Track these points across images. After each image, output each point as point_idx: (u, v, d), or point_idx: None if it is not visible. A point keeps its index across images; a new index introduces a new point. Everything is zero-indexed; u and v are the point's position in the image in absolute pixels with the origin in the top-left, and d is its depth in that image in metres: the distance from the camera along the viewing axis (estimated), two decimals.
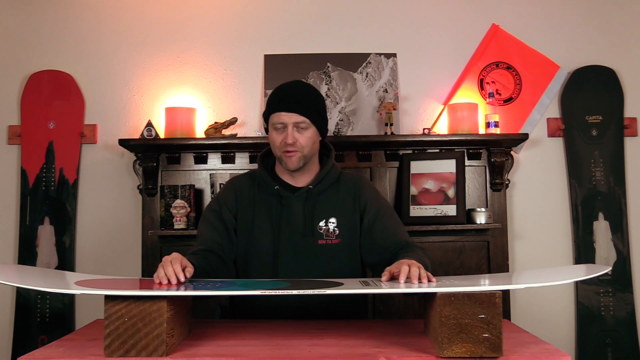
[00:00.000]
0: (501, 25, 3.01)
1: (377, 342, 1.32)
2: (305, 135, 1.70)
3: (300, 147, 1.70)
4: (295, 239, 1.73)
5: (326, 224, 1.64)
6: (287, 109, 1.69)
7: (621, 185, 2.96)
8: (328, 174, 1.79)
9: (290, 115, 1.69)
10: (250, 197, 1.78)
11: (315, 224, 1.74)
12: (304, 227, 1.73)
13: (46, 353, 1.23)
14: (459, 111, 2.88)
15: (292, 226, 1.73)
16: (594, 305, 2.92)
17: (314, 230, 1.73)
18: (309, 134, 1.71)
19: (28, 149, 2.94)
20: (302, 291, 1.28)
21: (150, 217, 2.86)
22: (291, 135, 1.69)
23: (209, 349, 1.27)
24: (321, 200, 1.76)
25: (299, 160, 1.72)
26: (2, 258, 2.93)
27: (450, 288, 1.18)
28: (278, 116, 1.70)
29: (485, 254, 2.87)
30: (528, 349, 1.23)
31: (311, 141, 1.72)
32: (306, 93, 1.75)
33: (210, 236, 1.74)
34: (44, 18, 3.03)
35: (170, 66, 3.02)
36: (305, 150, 1.71)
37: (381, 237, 1.74)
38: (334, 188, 1.79)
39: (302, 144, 1.70)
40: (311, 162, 1.78)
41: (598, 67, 3.00)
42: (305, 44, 3.01)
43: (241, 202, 1.78)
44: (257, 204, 1.77)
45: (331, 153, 1.83)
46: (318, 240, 1.73)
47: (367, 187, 1.82)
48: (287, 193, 1.76)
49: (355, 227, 1.77)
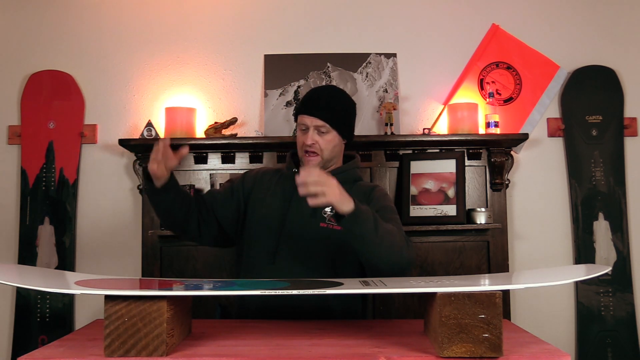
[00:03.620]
0: (501, 25, 3.01)
1: (377, 342, 1.32)
2: (325, 139, 1.81)
3: (320, 149, 1.81)
4: (300, 219, 1.79)
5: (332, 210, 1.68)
6: (310, 112, 1.81)
7: (621, 185, 2.96)
8: (348, 170, 1.88)
9: (312, 119, 1.80)
10: (271, 180, 1.90)
11: (321, 207, 1.77)
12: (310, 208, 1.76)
13: (46, 353, 1.23)
14: (459, 111, 2.88)
15: (300, 206, 1.78)
16: (594, 305, 2.92)
17: (318, 213, 1.76)
18: (329, 138, 1.81)
19: (28, 149, 2.94)
20: (302, 291, 1.28)
21: (150, 217, 2.86)
22: (311, 137, 1.80)
23: (209, 349, 1.27)
24: None
25: (317, 163, 1.81)
26: (2, 258, 2.93)
27: (450, 288, 1.18)
28: (302, 118, 1.82)
29: (485, 254, 2.87)
30: (528, 349, 1.23)
31: (331, 145, 1.82)
32: (331, 98, 1.85)
33: (214, 192, 1.91)
34: (44, 18, 3.03)
35: (170, 66, 3.02)
36: (325, 153, 1.82)
37: None
38: (349, 186, 1.82)
39: (322, 146, 1.81)
40: (333, 164, 1.88)
41: (598, 67, 3.00)
42: (305, 44, 3.01)
43: (260, 182, 1.90)
44: (275, 184, 1.88)
45: (356, 158, 1.95)
46: (320, 223, 1.77)
47: (380, 190, 1.90)
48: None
49: None
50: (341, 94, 1.90)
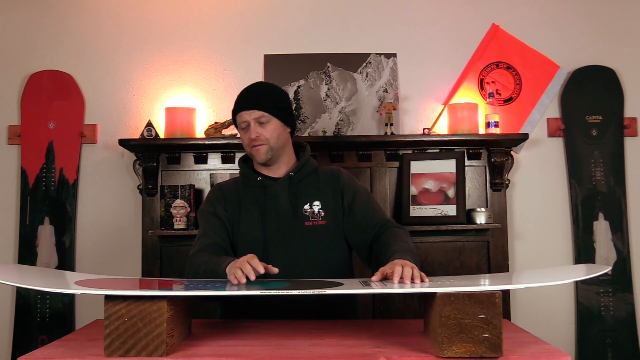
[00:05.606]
0: (501, 25, 3.01)
1: (377, 342, 1.32)
2: (267, 129, 1.80)
3: (265, 139, 1.79)
4: (282, 223, 1.78)
5: (311, 207, 1.69)
6: (246, 107, 1.80)
7: (621, 185, 2.96)
8: (306, 163, 1.87)
9: (250, 112, 1.80)
10: (236, 195, 1.86)
11: (300, 207, 1.80)
12: (291, 211, 1.79)
13: (46, 353, 1.23)
14: (459, 111, 2.88)
15: (278, 212, 1.79)
16: (594, 305, 2.92)
17: (299, 213, 1.79)
18: (272, 127, 1.80)
19: (28, 149, 2.94)
20: (302, 291, 1.28)
21: (150, 217, 2.86)
22: (254, 131, 1.79)
23: (209, 349, 1.27)
24: (303, 186, 1.84)
25: (266, 152, 1.80)
26: (2, 258, 2.93)
27: (450, 288, 1.18)
28: (240, 116, 1.82)
29: (485, 254, 2.87)
30: (528, 349, 1.23)
31: (275, 133, 1.81)
32: (262, 90, 1.87)
33: (212, 232, 1.80)
34: (44, 18, 3.03)
35: (170, 66, 3.02)
36: (271, 142, 1.80)
37: (361, 215, 1.80)
38: (314, 176, 1.87)
39: (267, 136, 1.79)
40: (285, 154, 1.86)
41: (598, 67, 3.00)
42: (305, 44, 3.01)
43: (228, 200, 1.85)
44: (243, 199, 1.84)
45: (306, 149, 1.92)
46: (305, 222, 1.78)
47: (344, 174, 1.90)
48: (270, 182, 1.84)
49: (338, 208, 1.82)
50: (271, 85, 1.91)
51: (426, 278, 1.40)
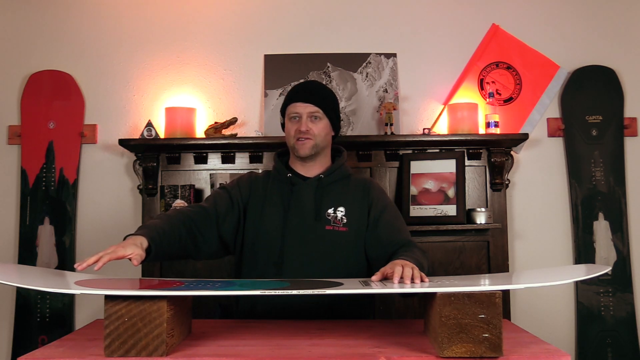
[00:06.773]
0: (501, 25, 3.01)
1: (377, 342, 1.32)
2: (318, 126, 1.81)
3: (314, 135, 1.80)
4: (303, 223, 1.77)
5: (334, 212, 1.68)
6: (303, 99, 1.81)
7: (621, 185, 2.96)
8: (340, 168, 1.87)
9: (305, 105, 1.80)
10: (264, 187, 1.86)
11: (324, 210, 1.79)
12: (313, 212, 1.78)
13: (46, 353, 1.23)
14: (459, 111, 2.88)
15: (301, 211, 1.78)
16: (594, 305, 2.92)
17: (322, 216, 1.77)
18: (322, 125, 1.82)
19: (28, 149, 2.94)
20: (302, 291, 1.28)
21: (150, 217, 2.85)
22: (305, 124, 1.79)
23: (209, 349, 1.27)
24: (331, 190, 1.83)
25: (311, 147, 1.80)
26: (2, 258, 2.93)
27: (450, 288, 1.18)
28: (294, 106, 1.82)
29: (485, 254, 2.87)
30: (528, 349, 1.23)
31: (324, 132, 1.82)
32: (321, 88, 1.89)
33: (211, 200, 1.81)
34: (44, 18, 3.03)
35: (170, 66, 3.02)
36: (318, 139, 1.81)
37: (385, 232, 1.78)
38: (344, 182, 1.86)
39: (315, 132, 1.80)
40: (323, 155, 1.86)
41: (598, 67, 3.00)
42: (305, 44, 3.01)
43: (255, 190, 1.85)
44: (269, 192, 1.84)
45: (343, 154, 1.92)
46: (325, 226, 1.77)
47: (377, 186, 1.90)
48: (299, 180, 1.83)
49: (363, 219, 1.80)
50: (328, 88, 1.94)
51: (426, 278, 1.40)
